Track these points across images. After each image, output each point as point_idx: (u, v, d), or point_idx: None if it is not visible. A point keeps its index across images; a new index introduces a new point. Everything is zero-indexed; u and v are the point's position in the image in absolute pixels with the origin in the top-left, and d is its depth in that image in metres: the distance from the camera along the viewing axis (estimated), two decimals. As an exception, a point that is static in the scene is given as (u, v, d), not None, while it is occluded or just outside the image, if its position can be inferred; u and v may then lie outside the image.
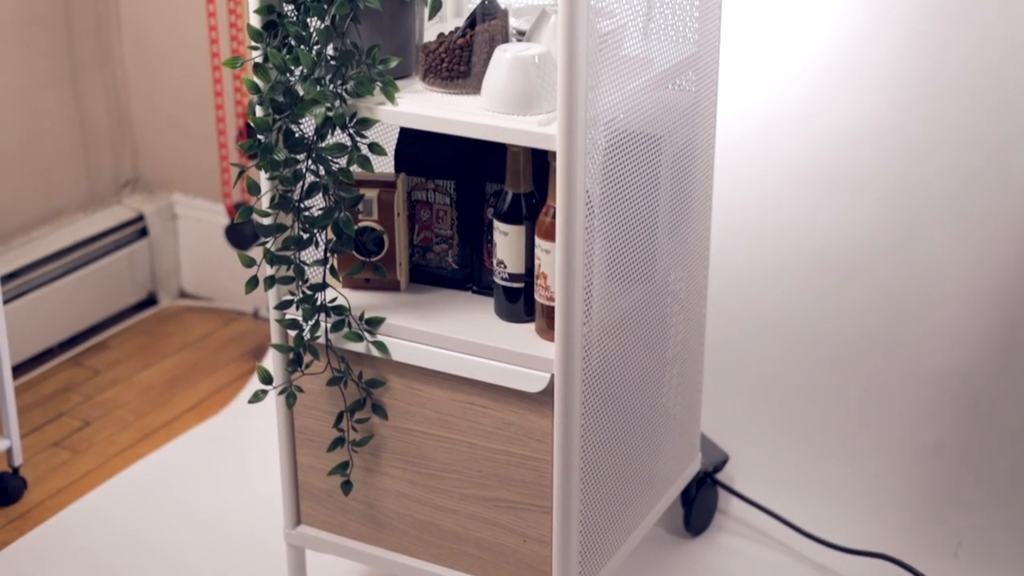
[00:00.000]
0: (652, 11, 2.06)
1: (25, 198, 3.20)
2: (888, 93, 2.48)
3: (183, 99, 3.30)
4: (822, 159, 2.55)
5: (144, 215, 3.40)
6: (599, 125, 1.86)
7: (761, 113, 2.58)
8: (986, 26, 2.38)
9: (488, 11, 1.98)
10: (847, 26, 2.47)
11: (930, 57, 2.43)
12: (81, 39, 3.24)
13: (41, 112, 3.19)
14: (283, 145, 1.95)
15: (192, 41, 3.22)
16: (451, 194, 2.11)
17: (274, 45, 1.96)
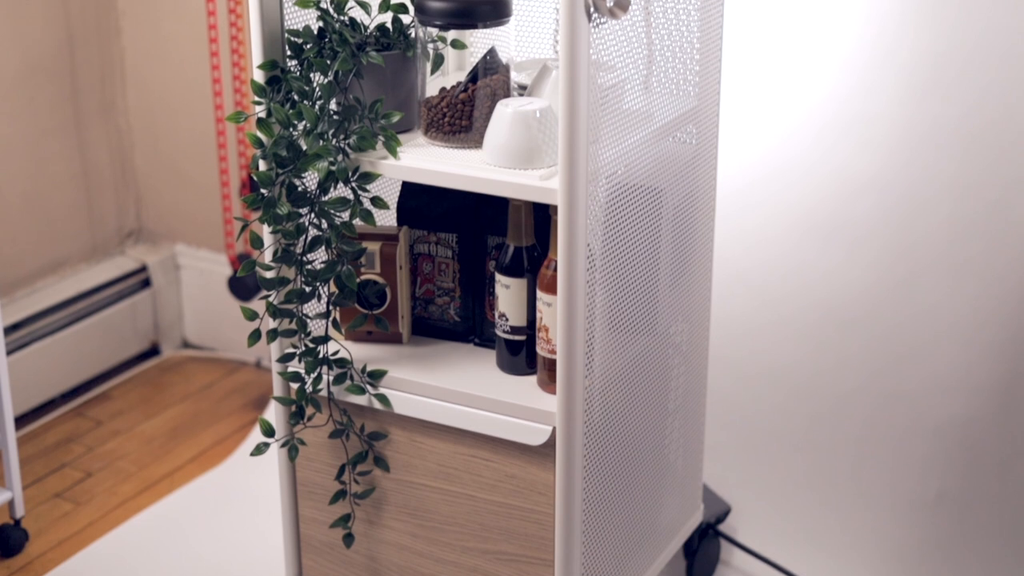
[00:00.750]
0: (653, 64, 2.07)
1: (29, 249, 3.21)
2: (888, 145, 2.49)
3: (187, 150, 3.32)
4: (823, 210, 2.56)
5: (147, 265, 3.41)
6: (600, 179, 1.87)
7: (762, 164, 2.59)
8: (985, 79, 2.39)
9: (490, 66, 2.00)
10: (847, 78, 2.49)
11: (930, 109, 2.45)
12: (86, 90, 3.26)
13: (45, 163, 3.21)
14: (286, 199, 1.96)
15: (196, 93, 3.24)
16: (453, 247, 2.12)
17: (277, 100, 1.98)
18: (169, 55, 3.26)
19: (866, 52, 2.46)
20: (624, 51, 1.92)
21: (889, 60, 2.45)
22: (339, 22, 1.99)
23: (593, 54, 1.79)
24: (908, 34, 2.42)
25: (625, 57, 1.95)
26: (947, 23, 2.39)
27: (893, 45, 2.44)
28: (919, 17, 2.41)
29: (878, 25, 2.44)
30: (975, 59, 2.39)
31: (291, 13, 2.02)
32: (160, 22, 3.24)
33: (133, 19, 3.28)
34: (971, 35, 2.38)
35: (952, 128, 2.43)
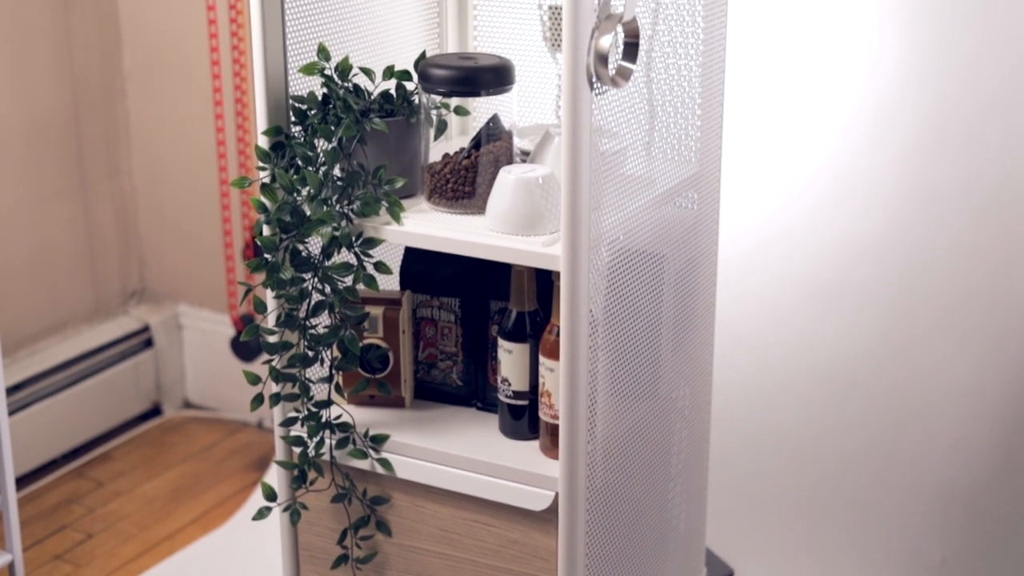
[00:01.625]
0: (655, 131, 2.09)
1: (32, 309, 3.22)
2: (889, 209, 2.50)
3: (190, 211, 3.34)
4: (824, 273, 2.57)
5: (150, 326, 3.42)
6: (602, 245, 1.88)
7: (764, 228, 2.60)
8: (986, 145, 2.41)
9: (493, 133, 2.01)
10: (848, 142, 2.51)
11: (930, 174, 2.46)
12: (91, 152, 3.28)
13: (50, 224, 3.22)
14: (290, 264, 1.97)
15: (200, 155, 3.26)
16: (456, 311, 2.12)
17: (281, 166, 1.99)
18: (174, 117, 3.28)
19: (867, 116, 2.48)
20: (626, 118, 1.94)
21: (890, 125, 2.47)
22: (343, 89, 2.01)
23: (595, 120, 1.81)
24: (909, 99, 2.44)
25: (627, 123, 1.96)
26: (948, 88, 2.41)
27: (894, 110, 2.46)
28: (920, 83, 2.43)
29: (880, 89, 2.46)
30: (976, 124, 2.41)
31: (296, 79, 2.04)
32: (165, 84, 3.27)
33: (138, 81, 3.31)
34: (973, 100, 2.40)
35: (953, 193, 2.45)
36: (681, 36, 2.06)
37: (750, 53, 2.52)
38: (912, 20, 2.40)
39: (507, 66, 2.00)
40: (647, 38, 1.96)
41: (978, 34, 2.37)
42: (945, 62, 2.40)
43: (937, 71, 2.41)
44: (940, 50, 2.40)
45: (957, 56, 2.39)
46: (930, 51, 2.40)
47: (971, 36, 2.37)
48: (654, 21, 1.99)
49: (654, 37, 2.00)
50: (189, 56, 3.20)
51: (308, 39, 2.04)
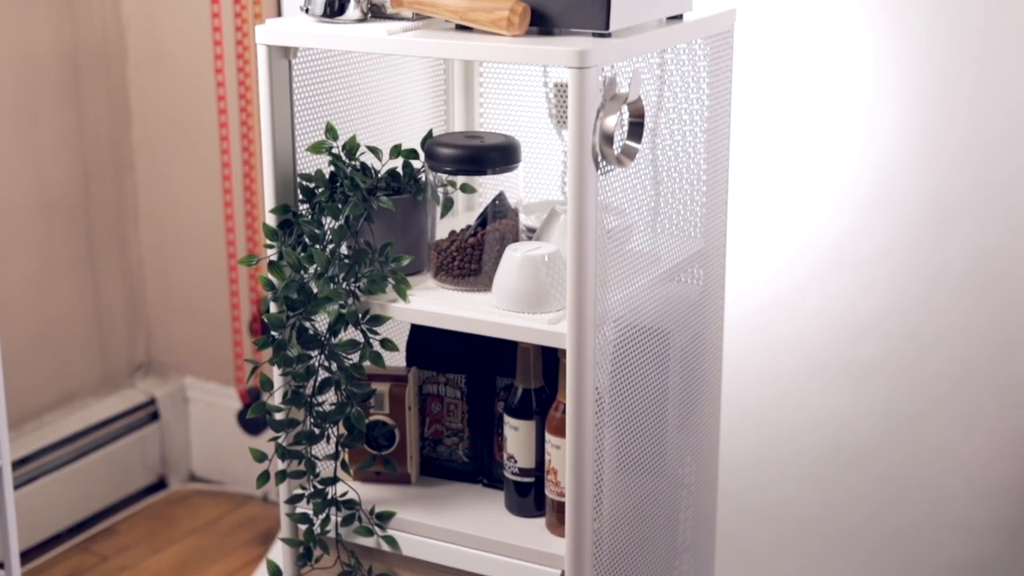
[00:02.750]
0: (659, 207, 2.10)
1: (39, 382, 3.23)
2: (894, 285, 2.51)
3: (198, 284, 3.35)
4: (830, 349, 2.57)
5: (156, 398, 3.42)
6: (608, 322, 1.89)
7: (770, 303, 2.61)
8: (989, 221, 2.42)
9: (499, 210, 2.02)
10: (852, 219, 2.52)
11: (934, 250, 2.47)
12: (99, 225, 3.30)
13: (58, 297, 3.24)
14: (296, 341, 1.98)
15: (208, 228, 3.28)
16: (462, 388, 2.13)
17: (289, 243, 2.00)
18: (182, 192, 3.30)
19: (870, 192, 2.49)
20: (631, 195, 1.95)
21: (893, 201, 2.48)
22: (350, 167, 2.02)
23: (600, 198, 1.82)
24: (911, 176, 2.46)
25: (632, 201, 1.97)
26: (950, 164, 2.43)
27: (897, 187, 2.47)
28: (922, 159, 2.44)
29: (883, 166, 2.47)
30: (979, 202, 2.42)
31: (303, 158, 2.05)
32: (174, 159, 3.29)
33: (147, 155, 3.33)
34: (974, 176, 2.41)
35: (956, 270, 2.45)
36: (687, 114, 2.08)
37: (753, 129, 2.53)
38: (913, 95, 2.42)
39: (513, 145, 2.01)
40: (652, 117, 1.98)
41: (979, 109, 2.38)
42: (946, 138, 2.41)
43: (939, 147, 2.42)
44: (941, 126, 2.41)
45: (958, 132, 2.40)
46: (931, 127, 2.42)
47: (972, 111, 2.39)
48: (659, 101, 2.01)
49: (659, 116, 2.02)
50: (198, 131, 3.23)
51: (316, 118, 2.06)
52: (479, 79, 2.34)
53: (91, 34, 3.20)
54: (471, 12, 1.84)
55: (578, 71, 1.75)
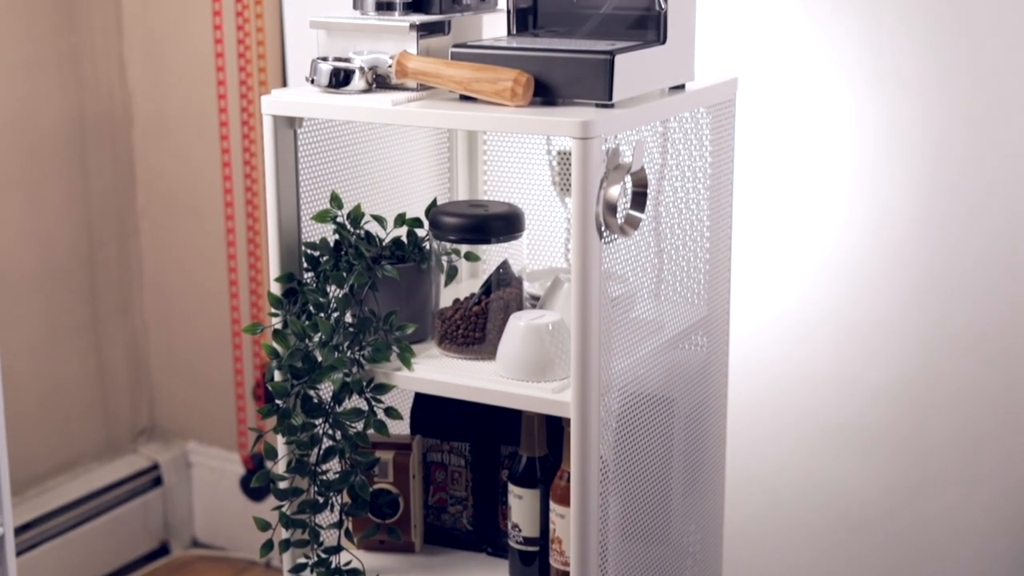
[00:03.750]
0: (663, 274, 2.11)
1: (42, 448, 3.22)
2: (900, 353, 2.51)
3: (201, 349, 3.35)
4: (835, 416, 2.57)
5: (159, 463, 3.42)
6: (612, 390, 1.89)
7: (774, 370, 2.61)
8: (993, 289, 2.42)
9: (503, 279, 2.03)
10: (857, 287, 2.52)
11: (940, 318, 2.47)
12: (103, 290, 3.30)
13: (61, 363, 3.24)
14: (301, 410, 1.98)
15: (212, 294, 3.28)
16: (466, 456, 2.13)
17: (293, 312, 2.01)
18: (187, 257, 3.31)
19: (875, 260, 2.50)
20: (635, 263, 1.96)
21: (897, 269, 2.49)
22: (355, 235, 2.03)
23: (604, 267, 1.83)
24: (916, 244, 2.46)
25: (636, 269, 1.98)
26: (954, 232, 2.43)
27: (902, 255, 2.48)
28: (927, 228, 2.45)
29: (887, 234, 2.48)
30: (983, 269, 2.43)
31: (308, 226, 2.06)
32: (179, 225, 3.31)
33: (152, 221, 3.35)
34: (978, 244, 2.42)
35: (962, 338, 2.46)
36: (690, 182, 2.09)
37: (756, 196, 2.54)
38: (916, 161, 2.43)
39: (517, 214, 2.02)
40: (655, 186, 1.99)
41: (982, 175, 2.40)
42: (951, 204, 2.42)
43: (943, 214, 2.43)
44: (945, 192, 2.42)
45: (962, 198, 2.41)
46: (934, 193, 2.43)
47: (975, 178, 2.40)
48: (662, 169, 2.02)
49: (662, 185, 2.03)
50: (203, 198, 3.24)
51: (321, 186, 2.07)
52: (483, 147, 2.35)
53: (97, 102, 3.23)
54: (475, 83, 1.85)
55: (581, 142, 1.76)
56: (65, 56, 3.14)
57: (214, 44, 3.12)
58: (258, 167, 3.14)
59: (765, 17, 2.49)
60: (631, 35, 1.97)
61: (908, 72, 2.41)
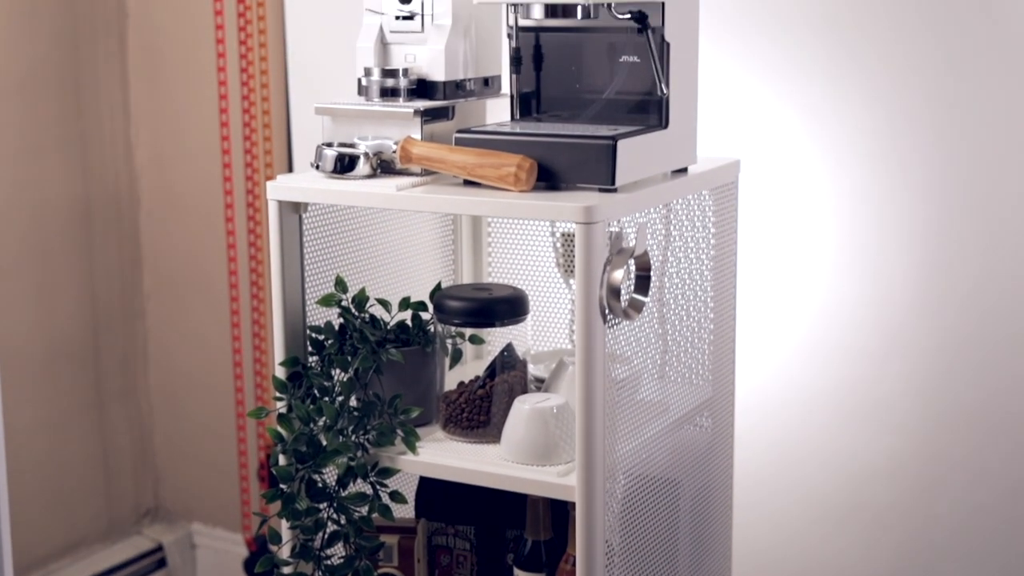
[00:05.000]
0: (667, 356, 2.11)
1: (45, 531, 3.21)
2: (902, 432, 2.50)
3: (206, 430, 3.35)
4: (838, 495, 2.56)
5: (163, 545, 3.40)
6: (618, 473, 1.88)
7: (779, 450, 2.60)
8: (996, 369, 2.42)
9: (507, 362, 2.03)
10: (859, 367, 2.52)
11: (941, 398, 2.47)
12: (108, 372, 3.31)
13: (65, 444, 3.23)
14: (305, 494, 1.97)
15: (217, 376, 3.29)
16: (471, 539, 2.12)
17: (298, 396, 2.01)
18: (192, 339, 3.32)
19: (877, 341, 2.50)
20: (639, 345, 1.96)
21: (899, 350, 2.49)
22: (360, 319, 2.04)
23: (608, 348, 1.83)
24: (917, 325, 2.47)
25: (640, 351, 1.98)
26: (955, 314, 2.44)
27: (905, 331, 2.48)
28: (927, 308, 2.46)
29: (888, 315, 2.49)
30: (985, 349, 2.43)
31: (313, 310, 2.07)
32: (184, 306, 3.32)
33: (157, 302, 3.36)
34: (979, 325, 2.43)
35: (967, 414, 2.45)
36: (694, 263, 2.10)
37: (760, 276, 2.55)
38: (917, 240, 2.44)
39: (521, 297, 2.03)
40: (658, 269, 2.00)
41: (982, 259, 2.40)
42: (952, 282, 2.43)
43: (945, 292, 2.44)
44: (946, 270, 2.43)
45: (963, 277, 2.42)
46: (936, 272, 2.44)
47: (977, 255, 2.41)
48: (665, 252, 2.03)
49: (665, 267, 2.04)
50: (208, 280, 3.26)
51: (326, 270, 2.08)
52: (487, 230, 2.36)
53: (104, 183, 3.25)
54: (479, 168, 1.87)
55: (585, 226, 1.77)
56: (73, 140, 3.17)
57: (220, 127, 3.15)
58: (263, 249, 3.15)
59: (765, 99, 2.52)
60: (634, 119, 1.99)
61: (906, 152, 2.43)
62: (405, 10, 2.05)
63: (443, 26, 2.03)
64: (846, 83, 2.45)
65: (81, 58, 3.17)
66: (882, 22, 2.41)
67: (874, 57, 2.42)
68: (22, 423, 3.12)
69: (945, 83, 2.38)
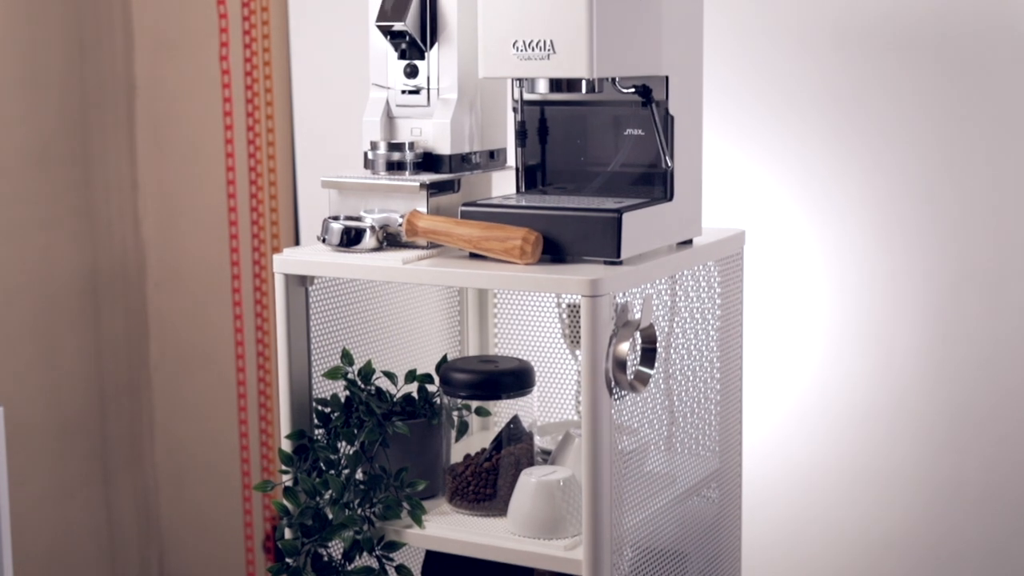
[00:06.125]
0: (674, 428, 2.10)
1: (50, 604, 3.19)
2: (913, 504, 2.49)
3: (211, 502, 3.34)
4: (850, 568, 2.54)
5: (168, 618, 3.38)
6: (624, 547, 1.88)
7: (787, 522, 2.59)
8: (1005, 435, 2.41)
9: (513, 434, 2.03)
10: (869, 438, 2.51)
11: (952, 470, 2.46)
12: (114, 444, 3.30)
13: (71, 515, 3.22)
14: (311, 568, 1.96)
15: (223, 448, 3.28)
16: (478, 613, 2.10)
17: (304, 469, 2.00)
18: (198, 411, 3.32)
19: (886, 409, 2.49)
20: (646, 417, 1.96)
21: (908, 420, 2.48)
22: (366, 392, 2.04)
23: (615, 420, 1.83)
24: (926, 395, 2.46)
25: (647, 423, 1.98)
26: (964, 382, 2.43)
27: (912, 402, 2.48)
28: (936, 378, 2.45)
29: (897, 385, 2.48)
30: (995, 415, 2.42)
31: (319, 383, 2.07)
32: (190, 378, 3.32)
33: (164, 374, 3.36)
34: (990, 391, 2.42)
35: (975, 485, 2.44)
36: (701, 334, 2.10)
37: (766, 347, 2.55)
38: (924, 311, 2.44)
39: (527, 369, 2.03)
40: (664, 340, 2.00)
41: (992, 324, 2.40)
42: (960, 354, 2.43)
43: (952, 363, 2.44)
44: (955, 346, 2.43)
45: (971, 347, 2.42)
46: (944, 343, 2.44)
47: (985, 326, 2.41)
48: (671, 324, 2.03)
49: (671, 340, 2.04)
50: (215, 351, 3.26)
51: (332, 343, 2.08)
52: (493, 301, 2.37)
53: (111, 255, 3.26)
54: (484, 241, 1.88)
55: (590, 299, 1.77)
56: (81, 211, 3.18)
57: (227, 199, 3.16)
58: (270, 320, 3.16)
59: (769, 170, 2.53)
60: (639, 191, 2.00)
61: (909, 223, 2.43)
62: (411, 84, 2.07)
63: (449, 100, 2.05)
64: (849, 155, 2.46)
65: (90, 130, 3.19)
66: (884, 95, 2.43)
67: (877, 129, 2.44)
68: (28, 494, 3.12)
69: (947, 156, 2.39)
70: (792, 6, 2.47)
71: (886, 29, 2.42)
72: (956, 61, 2.37)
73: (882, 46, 2.42)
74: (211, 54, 3.14)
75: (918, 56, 2.40)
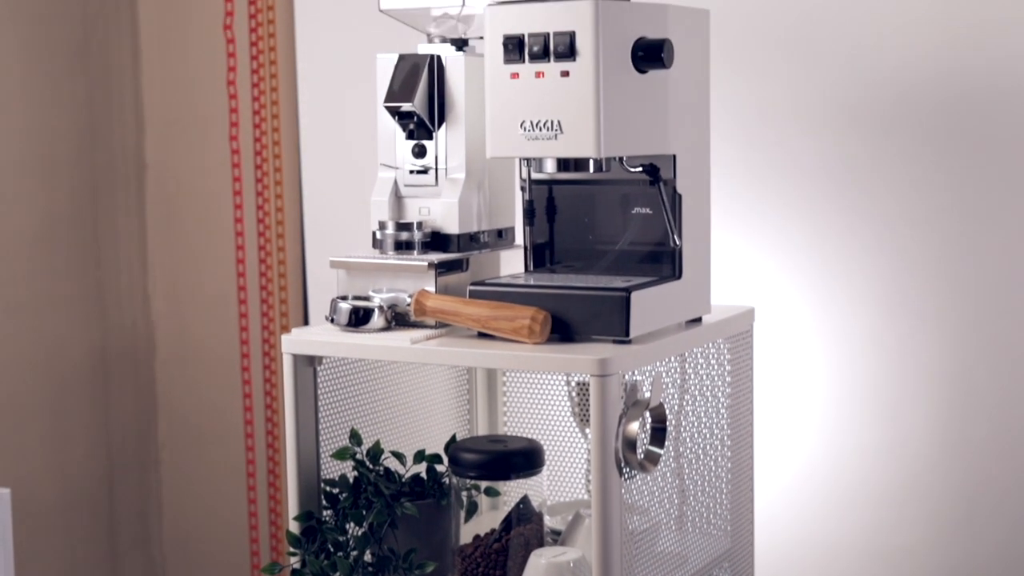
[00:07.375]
0: (685, 507, 2.09)
1: None
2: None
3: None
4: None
5: None
6: (636, 629, 1.86)
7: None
8: (1019, 513, 2.39)
9: (523, 514, 2.01)
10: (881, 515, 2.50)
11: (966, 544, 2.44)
12: (122, 522, 3.29)
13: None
14: (319, 652, 1.94)
15: (231, 528, 3.26)
16: None
17: (312, 551, 1.99)
18: (206, 490, 3.30)
19: (898, 486, 2.48)
20: (656, 497, 1.95)
21: (921, 495, 2.46)
22: (374, 472, 2.02)
23: (625, 500, 1.82)
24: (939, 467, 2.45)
25: (657, 502, 1.96)
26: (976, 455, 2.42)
27: (925, 478, 2.46)
28: (948, 450, 2.44)
29: (908, 458, 2.47)
30: (1009, 493, 2.40)
31: (327, 463, 2.06)
32: (199, 456, 3.30)
33: (172, 452, 3.35)
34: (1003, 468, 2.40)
35: (988, 564, 2.42)
36: (711, 411, 2.09)
37: (777, 427, 2.54)
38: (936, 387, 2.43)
39: (536, 449, 2.02)
40: (674, 419, 1.99)
41: (1006, 400, 2.39)
42: (972, 431, 2.41)
43: (965, 441, 2.42)
44: (967, 418, 2.42)
45: (984, 424, 2.41)
46: (956, 420, 2.42)
47: (998, 403, 2.40)
48: (681, 402, 2.02)
49: (681, 418, 2.03)
50: (223, 430, 3.25)
51: (340, 423, 2.07)
52: (502, 380, 2.36)
53: (120, 333, 3.27)
54: (493, 321, 1.87)
55: (599, 379, 1.77)
56: (90, 289, 3.19)
57: (237, 278, 3.17)
58: (279, 399, 3.15)
59: (778, 245, 2.53)
60: (647, 269, 2.00)
61: (920, 298, 2.43)
62: (419, 164, 2.08)
63: (457, 179, 2.06)
64: (860, 230, 2.46)
65: (99, 208, 3.21)
66: (896, 169, 2.43)
67: (888, 203, 2.44)
68: (36, 572, 3.10)
69: (960, 230, 2.39)
70: (800, 85, 2.48)
71: (890, 106, 2.43)
72: (960, 136, 2.38)
73: (887, 123, 2.43)
74: (221, 133, 3.16)
75: (923, 133, 2.40)
